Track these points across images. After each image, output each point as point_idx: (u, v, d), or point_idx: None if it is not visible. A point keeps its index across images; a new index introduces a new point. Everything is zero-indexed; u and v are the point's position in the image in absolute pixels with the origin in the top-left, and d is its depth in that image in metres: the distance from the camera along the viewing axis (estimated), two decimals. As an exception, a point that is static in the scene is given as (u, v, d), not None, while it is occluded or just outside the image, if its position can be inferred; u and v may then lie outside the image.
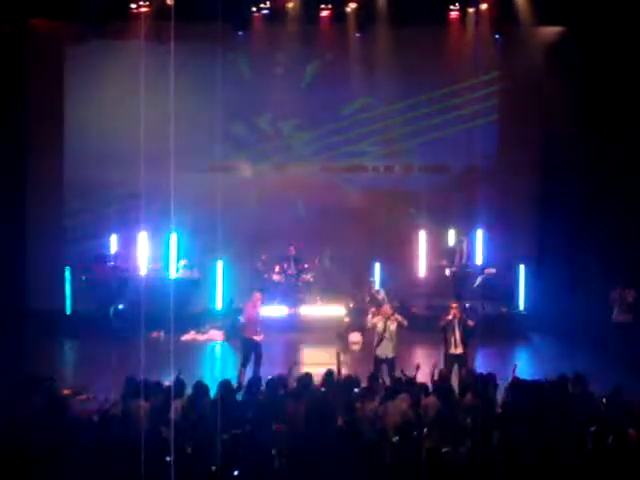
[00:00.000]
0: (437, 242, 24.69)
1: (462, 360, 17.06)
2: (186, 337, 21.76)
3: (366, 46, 24.17)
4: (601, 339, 20.04)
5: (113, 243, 23.93)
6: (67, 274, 23.05)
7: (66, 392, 14.63)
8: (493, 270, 23.89)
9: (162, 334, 19.91)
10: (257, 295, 18.05)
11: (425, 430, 12.04)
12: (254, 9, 23.47)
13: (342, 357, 16.78)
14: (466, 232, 24.46)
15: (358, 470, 10.68)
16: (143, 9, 22.23)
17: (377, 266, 23.91)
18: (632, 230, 21.59)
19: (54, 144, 23.83)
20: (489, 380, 14.13)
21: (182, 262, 23.56)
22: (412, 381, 14.10)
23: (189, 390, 13.33)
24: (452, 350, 17.17)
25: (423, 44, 23.76)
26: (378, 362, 16.99)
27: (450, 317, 17.29)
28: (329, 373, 14.40)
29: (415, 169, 25.28)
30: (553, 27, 23.85)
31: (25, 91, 23.40)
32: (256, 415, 12.53)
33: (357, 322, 21.82)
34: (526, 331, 22.58)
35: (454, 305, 17.62)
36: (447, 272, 24.11)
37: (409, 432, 11.76)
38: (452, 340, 17.17)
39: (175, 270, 23.56)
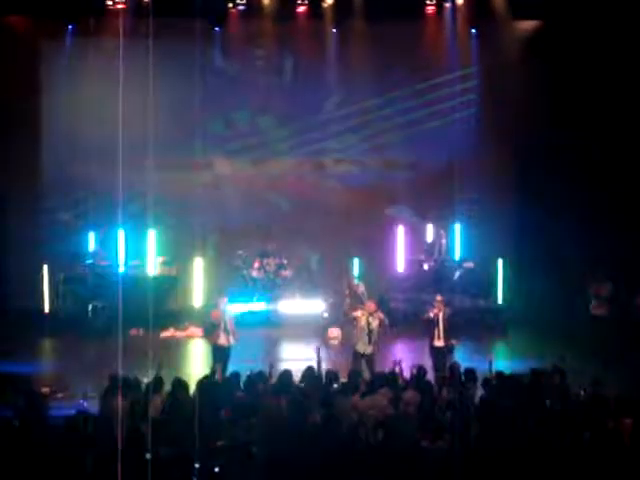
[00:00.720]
0: (416, 237, 24.76)
1: (445, 353, 17.15)
2: (165, 334, 21.74)
3: (343, 41, 24.20)
4: (578, 332, 20.17)
5: (91, 240, 23.87)
6: (45, 272, 22.97)
7: (45, 390, 14.59)
8: (471, 264, 23.99)
9: (141, 331, 19.86)
10: (222, 300, 17.91)
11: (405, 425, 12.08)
12: (230, 5, 23.48)
13: (322, 352, 16.76)
14: (444, 226, 24.54)
15: (337, 465, 10.70)
16: (119, 5, 22.18)
17: (356, 261, 23.96)
18: (610, 224, 21.70)
19: (31, 142, 23.73)
20: (468, 375, 14.19)
21: (160, 259, 23.53)
22: (393, 376, 14.13)
23: (168, 387, 13.32)
24: (436, 343, 17.30)
25: (400, 39, 23.79)
26: (357, 357, 17.06)
27: (435, 311, 17.41)
28: (308, 369, 14.42)
29: (394, 164, 25.28)
30: (529, 21, 23.97)
31: (1, 89, 23.28)
32: (235, 411, 12.52)
33: (336, 317, 21.95)
34: (504, 325, 22.64)
35: (439, 299, 17.71)
36: (425, 266, 24.19)
37: (389, 427, 11.80)
38: (436, 333, 17.29)
39: (154, 267, 23.52)
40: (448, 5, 23.94)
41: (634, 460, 10.97)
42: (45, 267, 22.96)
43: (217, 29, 23.92)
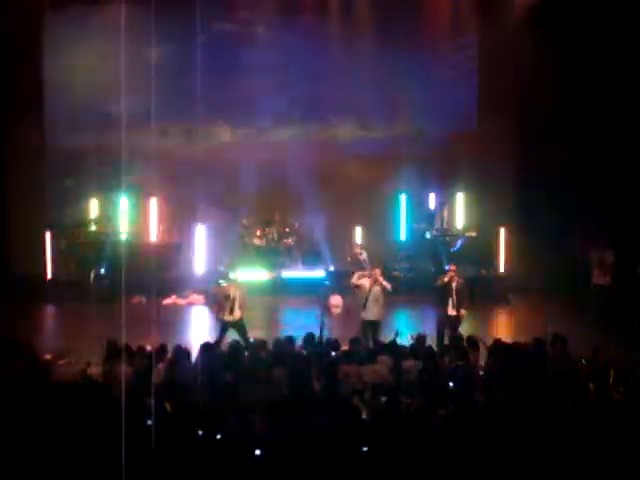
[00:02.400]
0: (418, 206, 24.77)
1: (456, 323, 17.08)
2: (167, 301, 21.79)
3: (345, 8, 24.10)
4: (580, 301, 20.19)
5: (94, 207, 23.88)
6: (48, 238, 22.99)
7: (47, 357, 14.62)
8: (473, 233, 24.00)
9: (143, 298, 19.91)
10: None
11: (405, 393, 12.10)
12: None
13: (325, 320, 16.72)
14: (447, 195, 24.54)
15: (339, 432, 10.75)
16: (121, -28, 22.02)
17: (358, 230, 23.98)
18: (611, 192, 21.68)
19: (34, 110, 23.68)
20: (470, 343, 14.22)
21: (163, 226, 23.54)
22: (394, 344, 14.15)
23: (170, 354, 13.36)
24: (449, 312, 17.17)
25: (402, 6, 23.70)
26: (364, 325, 16.97)
27: (447, 279, 17.31)
28: (309, 335, 14.46)
29: (396, 133, 25.22)
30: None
31: (3, 57, 23.20)
32: (237, 378, 12.56)
33: (338, 285, 21.96)
34: (506, 293, 22.67)
35: (453, 267, 17.59)
36: (427, 235, 24.21)
37: (389, 394, 11.83)
38: (449, 302, 17.15)
39: (156, 234, 23.55)
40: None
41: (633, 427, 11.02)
42: (48, 233, 22.97)
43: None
